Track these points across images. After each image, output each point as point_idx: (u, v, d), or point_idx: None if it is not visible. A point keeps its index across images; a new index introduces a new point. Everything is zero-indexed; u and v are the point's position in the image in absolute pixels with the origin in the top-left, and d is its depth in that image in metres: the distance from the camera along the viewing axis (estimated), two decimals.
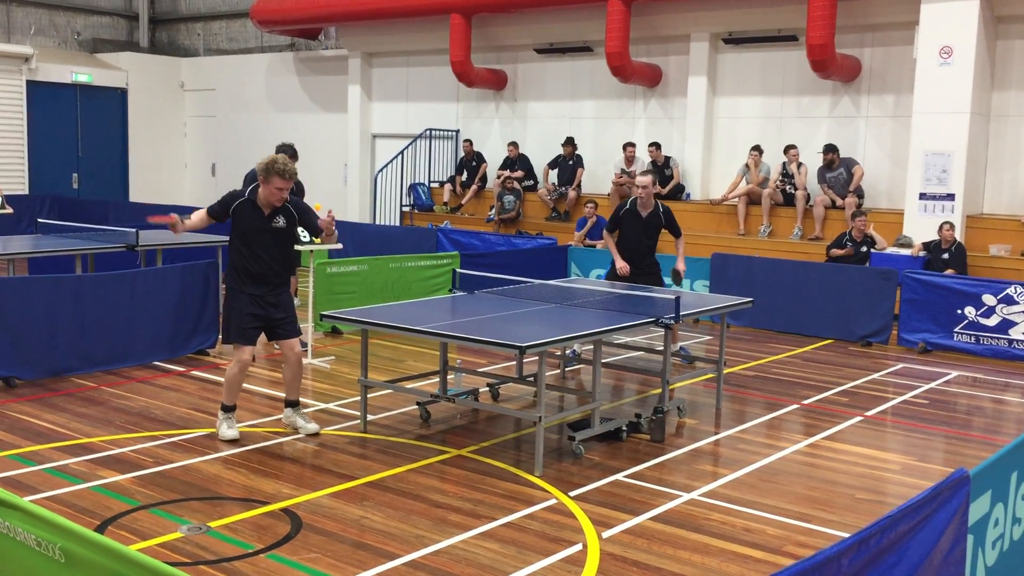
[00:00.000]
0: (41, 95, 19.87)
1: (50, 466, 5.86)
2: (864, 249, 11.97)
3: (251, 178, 8.95)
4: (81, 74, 20.50)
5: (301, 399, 6.95)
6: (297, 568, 4.53)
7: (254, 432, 6.72)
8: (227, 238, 9.83)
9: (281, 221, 6.48)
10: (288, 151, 8.97)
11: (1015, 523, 4.04)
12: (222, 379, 8.18)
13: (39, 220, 13.89)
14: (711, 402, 7.95)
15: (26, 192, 19.20)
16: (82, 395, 7.54)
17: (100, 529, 4.86)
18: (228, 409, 6.57)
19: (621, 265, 8.88)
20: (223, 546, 4.76)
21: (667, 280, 9.34)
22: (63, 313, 7.99)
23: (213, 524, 5.02)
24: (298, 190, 12.10)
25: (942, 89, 12.16)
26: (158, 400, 7.47)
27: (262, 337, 6.62)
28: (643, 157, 15.11)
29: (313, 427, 6.71)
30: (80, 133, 20.76)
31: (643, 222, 8.92)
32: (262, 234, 6.42)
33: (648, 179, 8.85)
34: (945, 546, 3.28)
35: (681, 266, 9.15)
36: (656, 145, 14.82)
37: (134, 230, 10.21)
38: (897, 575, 2.98)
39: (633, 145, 14.98)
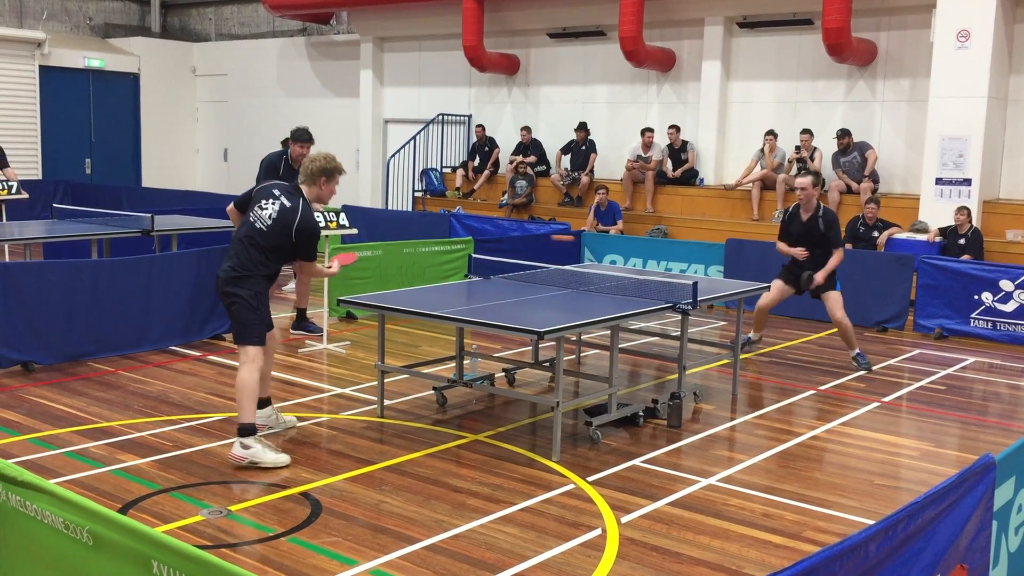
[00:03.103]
0: (54, 80, 19.89)
1: (70, 450, 5.89)
2: (875, 234, 11.94)
3: (268, 165, 8.97)
4: (93, 59, 20.51)
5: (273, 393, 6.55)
6: (318, 552, 4.55)
7: None
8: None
9: None
10: (304, 135, 8.96)
11: None
12: (239, 363, 8.21)
13: (54, 205, 13.94)
14: (727, 388, 7.93)
15: (39, 177, 19.25)
16: (100, 379, 7.57)
17: (122, 512, 4.88)
18: (254, 429, 5.77)
19: (799, 251, 8.46)
20: (244, 529, 4.78)
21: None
22: (80, 298, 8.01)
23: (233, 508, 5.04)
24: None
25: (959, 73, 12.07)
26: (175, 384, 7.50)
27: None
28: (660, 142, 15.06)
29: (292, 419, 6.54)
30: (92, 118, 20.79)
31: (804, 226, 8.51)
32: None
33: (807, 180, 8.40)
34: (971, 532, 3.27)
35: (819, 276, 8.45)
36: (675, 128, 14.76)
37: (149, 215, 10.23)
38: (923, 561, 2.97)
39: (651, 131, 14.92)
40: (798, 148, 13.68)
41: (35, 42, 19.48)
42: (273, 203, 5.82)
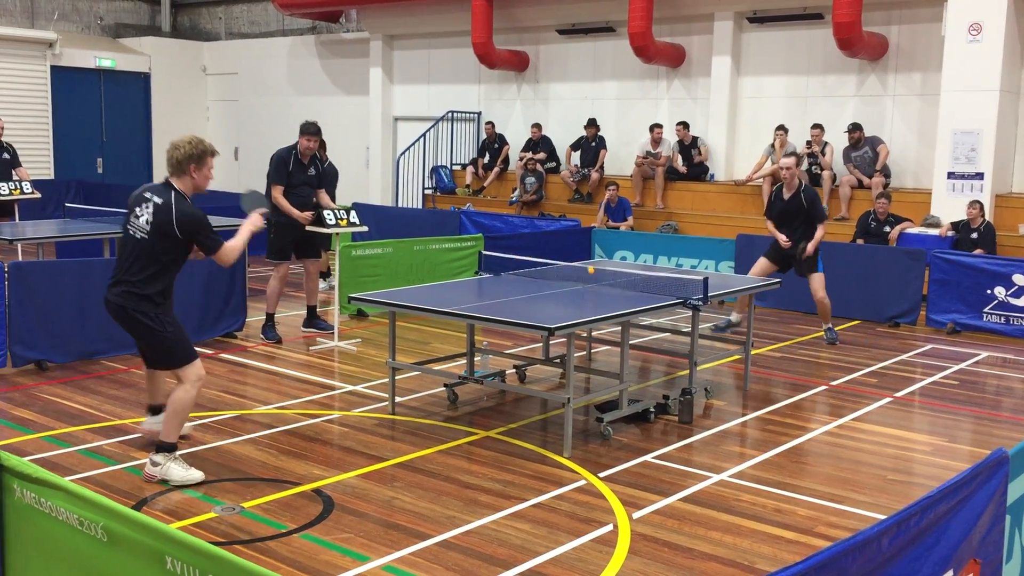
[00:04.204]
0: (65, 80, 19.98)
1: (84, 447, 5.92)
2: (887, 229, 11.89)
3: (278, 160, 9.00)
4: (104, 59, 20.59)
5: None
6: (330, 548, 4.56)
7: (284, 414, 6.77)
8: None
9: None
10: (311, 128, 8.98)
11: None
12: (251, 361, 8.27)
13: (67, 204, 14.00)
14: (738, 383, 7.92)
15: (51, 177, 19.34)
16: (113, 377, 7.61)
17: (136, 509, 4.89)
18: (173, 448, 5.42)
19: (782, 238, 9.30)
20: (257, 526, 4.80)
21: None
22: (93, 297, 8.00)
23: (246, 504, 5.06)
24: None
25: (971, 67, 12.00)
26: None
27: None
28: (670, 139, 15.03)
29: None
30: (104, 118, 20.87)
31: (786, 204, 9.34)
32: None
33: (791, 160, 9.36)
34: (984, 526, 3.26)
35: (811, 247, 9.34)
36: (684, 125, 14.74)
37: None
38: (936, 555, 2.97)
39: (660, 127, 14.90)
40: (809, 143, 13.63)
41: (46, 42, 19.56)
42: (146, 206, 5.33)
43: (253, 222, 5.70)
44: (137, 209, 5.37)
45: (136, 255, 5.33)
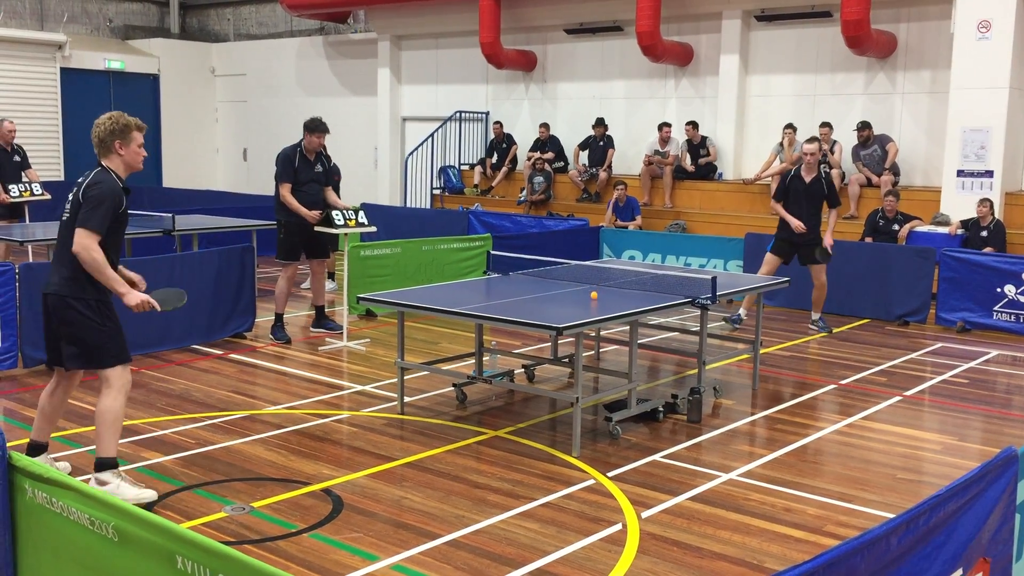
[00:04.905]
0: (74, 82, 20.07)
1: (95, 448, 5.94)
2: (896, 228, 11.86)
3: (284, 158, 9.03)
4: (114, 61, 20.68)
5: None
6: (340, 547, 4.58)
7: (293, 414, 6.78)
8: (265, 222, 9.88)
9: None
10: (316, 125, 9.01)
11: None
12: (260, 361, 8.29)
13: None
14: (747, 382, 7.92)
15: (61, 179, 19.42)
16: None
17: (146, 509, 4.92)
18: (115, 463, 5.09)
19: (797, 224, 9.60)
20: (266, 526, 4.82)
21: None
22: None
23: (256, 504, 5.08)
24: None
25: (980, 64, 11.96)
26: (198, 383, 7.56)
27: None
28: (678, 138, 15.02)
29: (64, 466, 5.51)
30: None
31: (806, 187, 9.64)
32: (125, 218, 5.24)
33: (815, 146, 9.69)
34: (993, 525, 3.25)
35: (828, 240, 9.76)
36: (693, 124, 14.72)
37: (170, 215, 10.30)
38: (945, 554, 2.96)
39: (669, 126, 14.89)
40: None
41: (56, 44, 19.66)
42: (76, 189, 5.11)
43: (140, 299, 5.11)
44: (70, 196, 5.14)
45: (65, 238, 5.01)
